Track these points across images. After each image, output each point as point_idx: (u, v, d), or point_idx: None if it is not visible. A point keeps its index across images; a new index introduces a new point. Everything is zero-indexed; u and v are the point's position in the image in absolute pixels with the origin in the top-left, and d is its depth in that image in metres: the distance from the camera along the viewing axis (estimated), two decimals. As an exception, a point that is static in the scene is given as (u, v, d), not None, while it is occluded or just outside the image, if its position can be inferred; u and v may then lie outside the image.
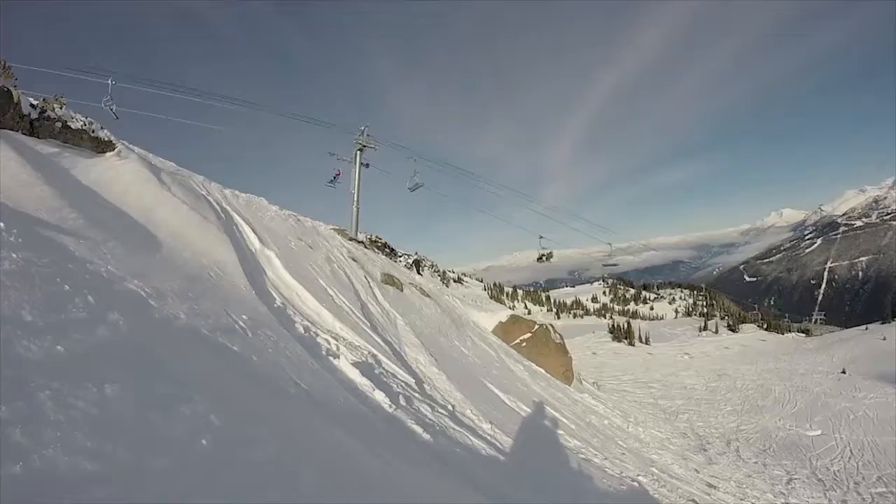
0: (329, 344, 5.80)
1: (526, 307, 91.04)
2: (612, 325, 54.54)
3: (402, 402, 5.45)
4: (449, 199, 19.18)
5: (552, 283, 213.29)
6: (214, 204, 8.29)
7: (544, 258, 18.89)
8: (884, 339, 39.17)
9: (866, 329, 47.37)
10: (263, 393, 3.27)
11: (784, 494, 12.15)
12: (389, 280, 11.60)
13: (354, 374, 5.33)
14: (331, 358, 5.41)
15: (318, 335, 5.91)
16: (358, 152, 17.88)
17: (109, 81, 14.93)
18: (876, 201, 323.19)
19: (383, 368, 6.32)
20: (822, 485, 14.18)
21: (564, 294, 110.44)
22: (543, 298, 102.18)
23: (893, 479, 15.18)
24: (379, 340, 7.33)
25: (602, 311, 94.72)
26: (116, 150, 7.46)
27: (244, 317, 4.75)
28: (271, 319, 5.40)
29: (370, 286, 10.39)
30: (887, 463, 16.46)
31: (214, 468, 1.67)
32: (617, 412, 16.24)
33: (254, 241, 8.01)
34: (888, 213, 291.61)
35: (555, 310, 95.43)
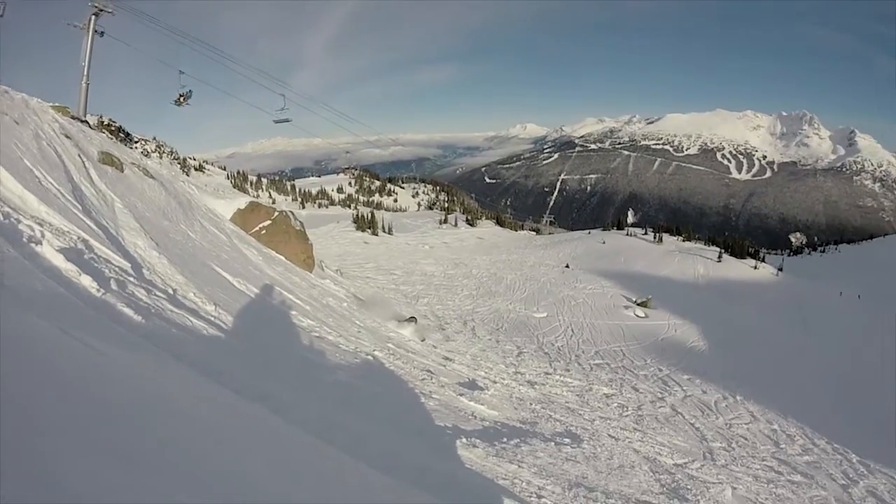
0: (32, 231, 5.57)
1: (270, 196, 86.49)
2: (357, 216, 56.58)
3: (114, 286, 5.46)
4: (189, 76, 16.73)
5: (298, 173, 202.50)
6: None
7: (182, 98, 17.20)
8: (603, 242, 45.62)
9: (589, 233, 54.08)
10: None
11: (515, 365, 13.07)
12: (108, 159, 10.41)
13: (59, 261, 5.21)
14: (32, 244, 5.25)
15: (20, 222, 5.57)
16: (93, 17, 13.86)
17: None
18: (611, 131, 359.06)
19: (94, 254, 6.32)
20: (548, 357, 15.69)
21: (310, 184, 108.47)
22: (289, 188, 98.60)
23: (608, 353, 18.26)
24: (91, 225, 7.11)
25: (347, 202, 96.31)
26: None
27: (-77, 202, 4.34)
28: (-42, 204, 4.94)
29: (85, 166, 9.17)
30: (602, 341, 19.96)
31: None
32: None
33: (-57, 115, 6.39)
34: (619, 143, 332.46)
35: (300, 199, 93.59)
